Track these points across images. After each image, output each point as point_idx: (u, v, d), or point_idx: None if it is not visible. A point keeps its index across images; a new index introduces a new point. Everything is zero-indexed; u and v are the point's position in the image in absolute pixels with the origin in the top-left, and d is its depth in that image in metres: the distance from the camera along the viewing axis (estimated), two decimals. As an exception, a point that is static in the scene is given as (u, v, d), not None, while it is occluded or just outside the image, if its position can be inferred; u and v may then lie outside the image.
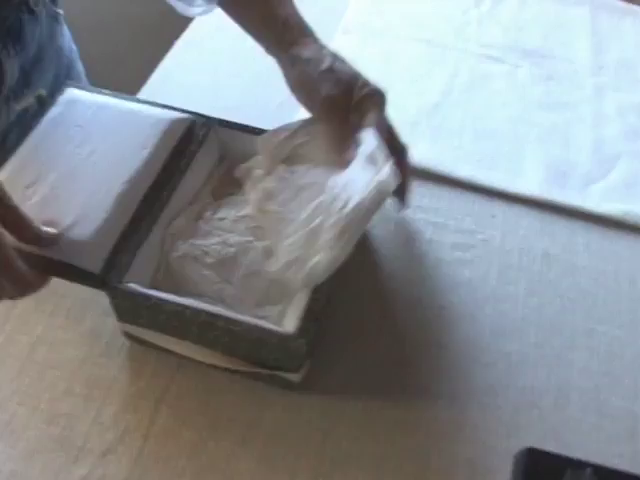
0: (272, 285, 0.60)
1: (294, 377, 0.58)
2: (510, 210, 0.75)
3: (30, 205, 0.60)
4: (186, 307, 0.55)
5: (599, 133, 0.83)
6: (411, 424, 0.60)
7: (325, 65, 0.64)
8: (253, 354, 0.57)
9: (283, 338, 0.54)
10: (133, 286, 0.56)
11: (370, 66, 0.87)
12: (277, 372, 0.57)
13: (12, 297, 0.55)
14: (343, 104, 0.63)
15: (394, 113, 0.82)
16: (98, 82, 1.12)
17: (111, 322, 0.64)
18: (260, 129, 0.68)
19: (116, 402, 0.60)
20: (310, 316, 0.55)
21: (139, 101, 0.70)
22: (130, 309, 0.58)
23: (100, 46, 1.30)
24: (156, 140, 0.65)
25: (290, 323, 0.56)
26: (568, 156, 0.80)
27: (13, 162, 0.63)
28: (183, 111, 0.69)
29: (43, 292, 0.65)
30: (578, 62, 0.91)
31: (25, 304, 0.65)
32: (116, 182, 0.61)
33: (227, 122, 0.69)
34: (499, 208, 0.75)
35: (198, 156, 0.66)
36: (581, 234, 0.74)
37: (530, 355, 0.65)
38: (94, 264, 0.57)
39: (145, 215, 0.61)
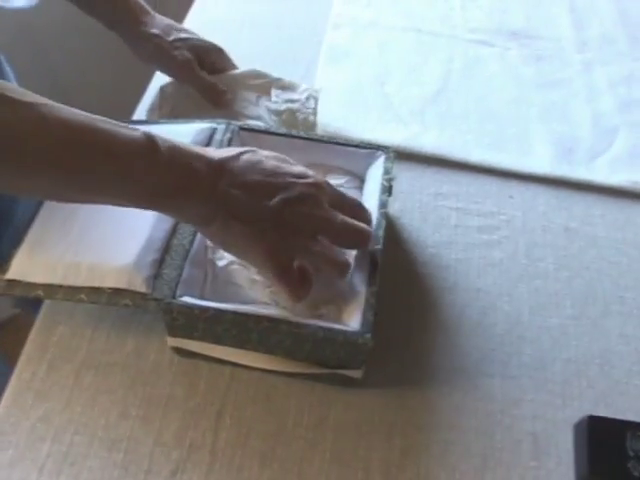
0: (325, 283, 0.60)
1: (356, 373, 0.58)
2: (526, 189, 0.77)
3: (70, 239, 0.58)
4: (247, 315, 0.54)
5: (594, 107, 0.85)
6: (471, 406, 0.61)
7: (173, 36, 0.74)
8: (316, 355, 0.57)
9: (350, 335, 0.54)
10: (188, 299, 0.55)
11: (366, 58, 0.89)
12: (340, 370, 0.57)
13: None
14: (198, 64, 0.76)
15: (399, 103, 0.83)
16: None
17: (155, 339, 0.63)
18: (280, 132, 0.68)
19: (175, 420, 0.59)
20: (371, 310, 0.55)
21: (159, 122, 0.69)
22: (185, 323, 0.57)
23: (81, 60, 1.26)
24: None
25: (351, 320, 0.56)
26: (570, 132, 0.82)
27: (48, 203, 0.63)
28: (202, 121, 0.68)
29: (78, 316, 0.64)
30: (563, 40, 0.94)
31: (62, 330, 0.63)
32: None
33: (248, 127, 0.68)
34: (515, 188, 0.77)
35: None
36: (596, 206, 0.76)
37: (569, 327, 0.66)
38: (143, 284, 0.56)
39: (184, 226, 0.60)
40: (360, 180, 0.69)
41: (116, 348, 0.62)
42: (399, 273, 0.68)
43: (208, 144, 0.66)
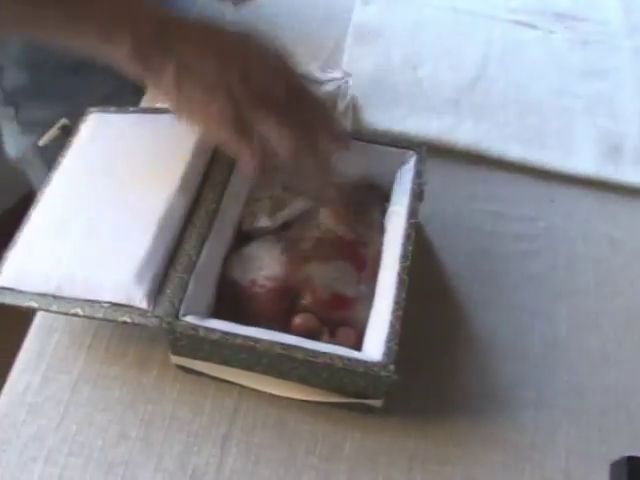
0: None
1: (376, 403, 0.53)
2: (568, 192, 0.70)
3: (66, 246, 0.53)
4: (257, 340, 0.49)
5: (644, 100, 0.78)
6: (499, 438, 0.55)
7: None
8: (333, 383, 0.52)
9: (371, 366, 0.48)
10: (192, 319, 0.50)
11: (397, 39, 0.82)
12: (359, 400, 0.52)
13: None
14: None
15: (432, 90, 0.76)
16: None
17: (158, 350, 0.58)
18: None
19: (179, 443, 0.54)
20: (395, 338, 0.50)
21: (166, 111, 0.63)
22: (188, 344, 0.52)
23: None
24: (191, 147, 0.58)
25: (372, 346, 0.50)
26: (617, 128, 0.75)
27: (44, 200, 0.58)
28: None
29: (76, 323, 0.59)
30: (611, 24, 0.86)
31: (59, 338, 0.59)
32: (156, 202, 0.55)
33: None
34: (557, 191, 0.70)
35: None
36: (644, 214, 0.69)
37: (610, 352, 0.61)
38: (144, 299, 0.51)
39: (192, 234, 0.54)
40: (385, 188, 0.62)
41: (116, 359, 0.58)
42: (426, 285, 0.62)
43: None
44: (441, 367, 0.58)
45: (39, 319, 0.59)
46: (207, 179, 0.57)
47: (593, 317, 0.62)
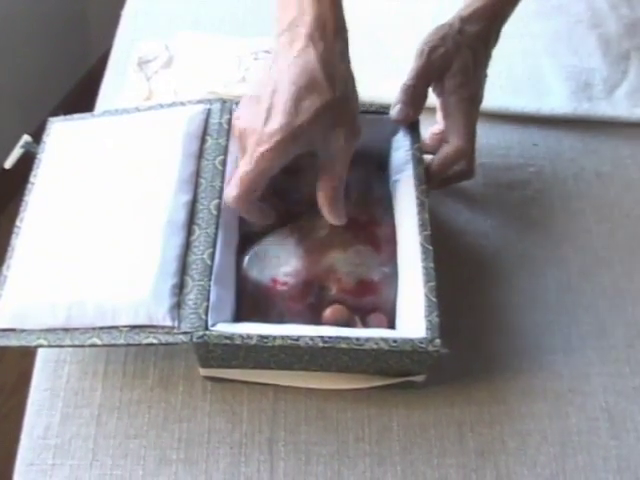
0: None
1: (420, 378, 0.52)
2: (549, 134, 0.70)
3: (69, 271, 0.50)
4: (298, 338, 0.46)
5: (600, 33, 0.79)
6: (539, 388, 0.56)
7: None
8: (376, 366, 0.50)
9: (418, 343, 0.47)
10: (223, 327, 0.47)
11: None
12: (403, 378, 0.51)
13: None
14: None
15: (397, 51, 0.75)
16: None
17: (180, 364, 0.55)
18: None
19: (223, 456, 0.51)
20: (434, 310, 0.48)
21: (139, 110, 0.58)
22: (222, 354, 0.49)
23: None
24: (179, 145, 0.54)
25: (407, 322, 0.49)
26: (582, 63, 0.76)
27: (27, 226, 0.53)
28: (191, 103, 0.58)
29: (85, 351, 0.55)
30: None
31: (69, 370, 0.54)
32: (155, 208, 0.51)
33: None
34: (538, 134, 0.70)
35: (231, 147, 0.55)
36: (624, 146, 0.70)
37: (623, 285, 0.62)
38: (167, 316, 0.47)
39: (201, 237, 0.50)
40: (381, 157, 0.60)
41: (137, 383, 0.54)
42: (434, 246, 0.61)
43: (205, 131, 0.56)
44: (466, 330, 0.58)
45: (43, 352, 0.55)
46: (200, 176, 0.54)
47: (600, 254, 0.63)
